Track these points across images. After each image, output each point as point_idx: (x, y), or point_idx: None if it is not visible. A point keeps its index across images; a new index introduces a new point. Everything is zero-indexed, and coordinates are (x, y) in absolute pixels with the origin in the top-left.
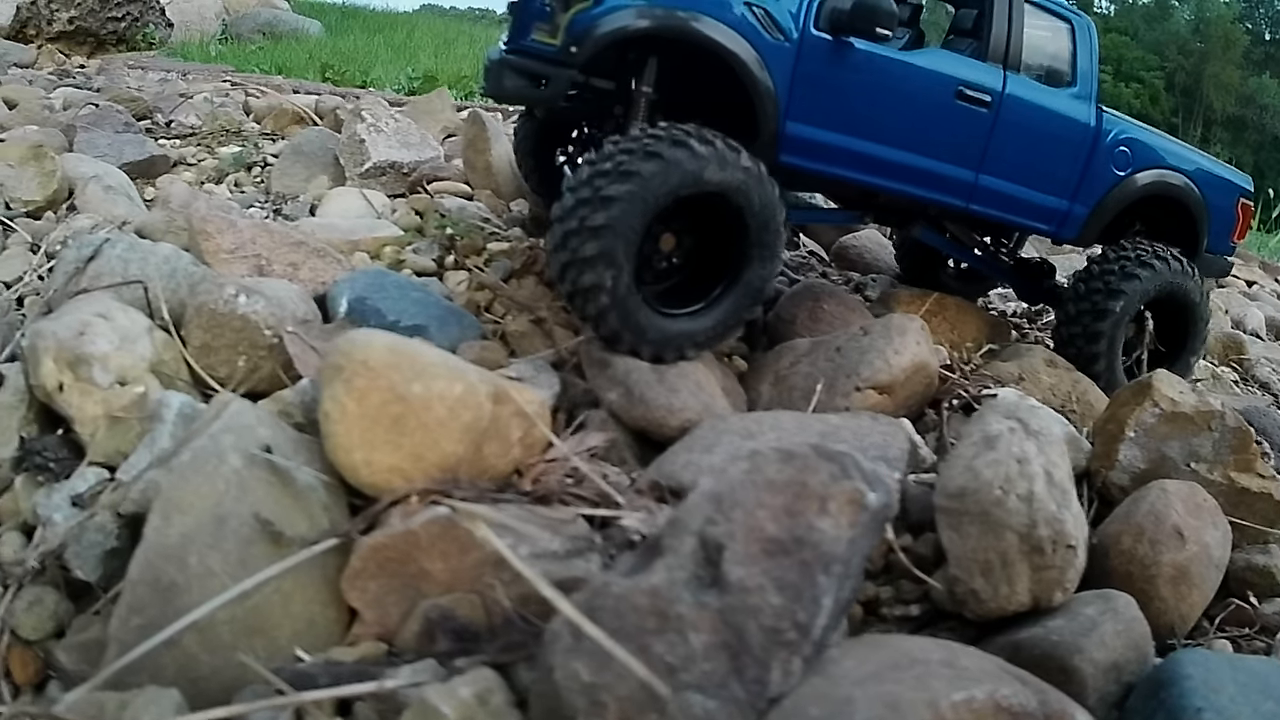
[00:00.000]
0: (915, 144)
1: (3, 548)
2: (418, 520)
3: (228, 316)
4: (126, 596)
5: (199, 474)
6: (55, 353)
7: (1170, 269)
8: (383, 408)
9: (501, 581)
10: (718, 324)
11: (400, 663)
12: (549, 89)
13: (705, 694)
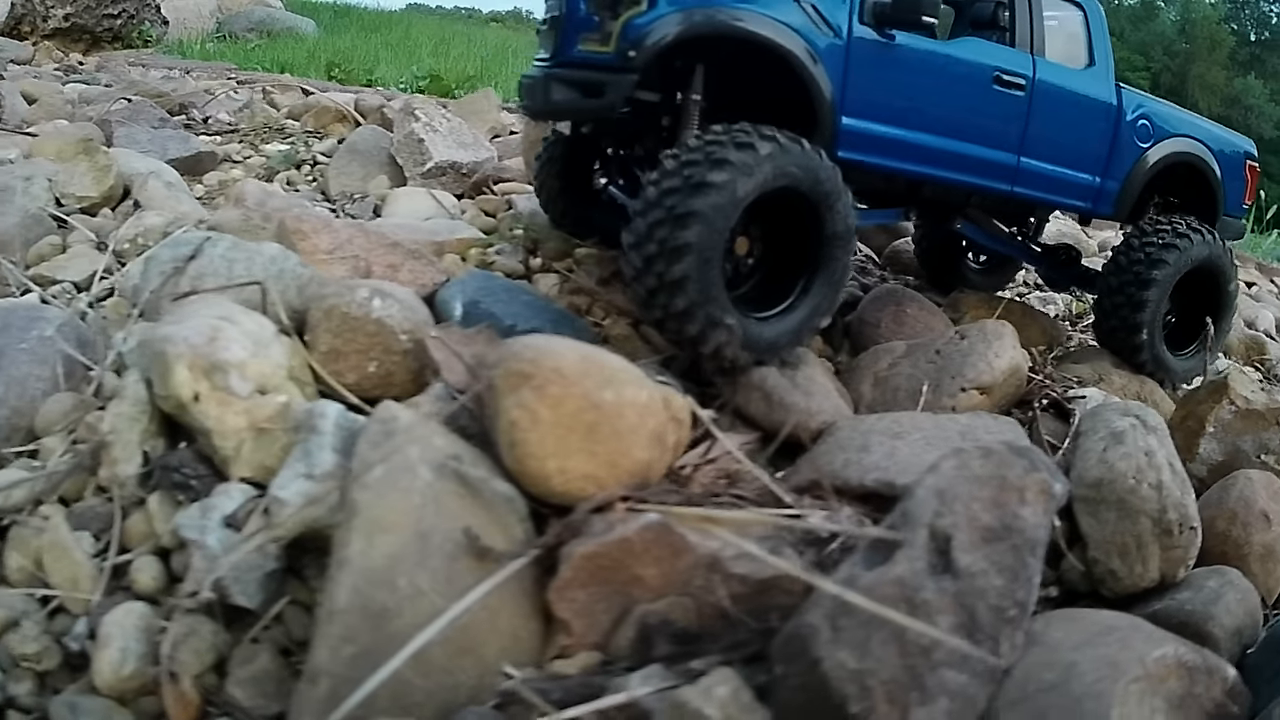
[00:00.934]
0: (962, 131)
1: (140, 575)
2: (632, 527)
3: (361, 320)
4: (337, 626)
5: (395, 490)
6: (190, 360)
7: (1203, 241)
8: (577, 415)
9: (718, 583)
10: (801, 324)
11: (618, 671)
12: (608, 96)
13: (955, 669)
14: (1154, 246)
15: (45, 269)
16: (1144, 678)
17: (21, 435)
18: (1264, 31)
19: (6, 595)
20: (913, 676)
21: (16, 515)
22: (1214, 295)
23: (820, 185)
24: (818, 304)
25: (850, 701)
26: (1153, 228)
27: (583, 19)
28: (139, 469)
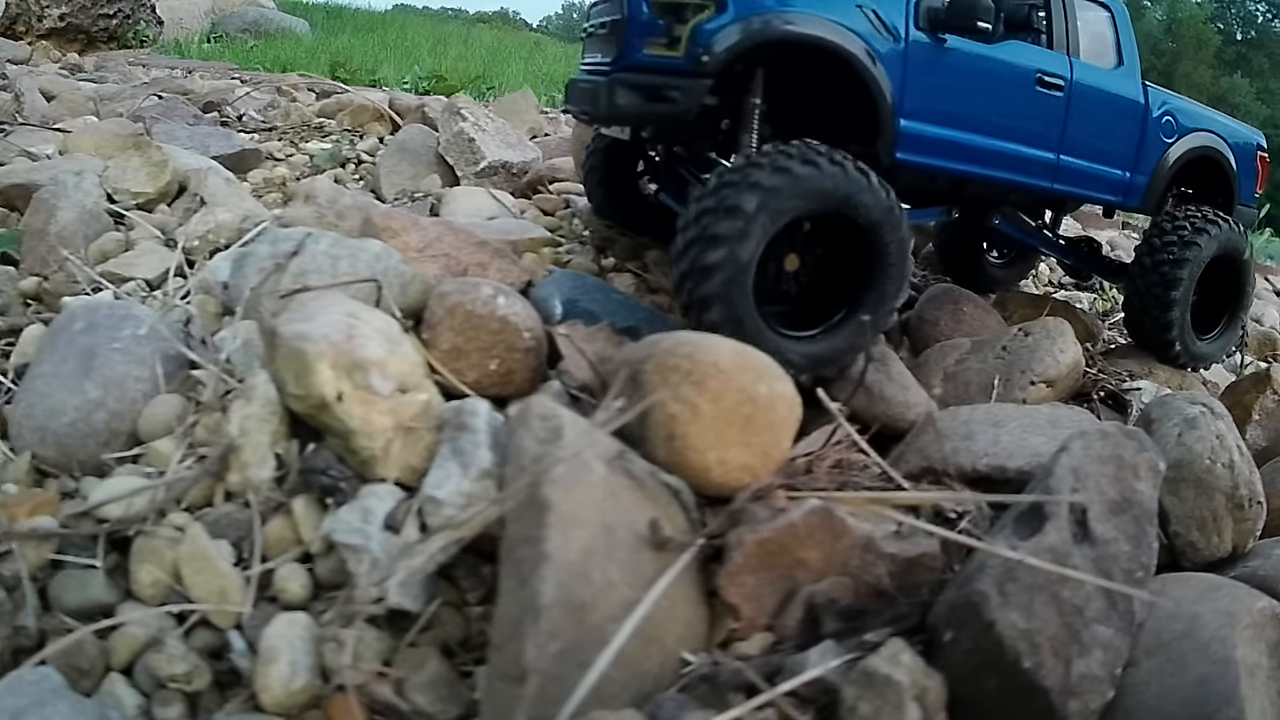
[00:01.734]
0: (1009, 131)
1: (289, 583)
2: (798, 513)
3: (485, 319)
4: (544, 622)
5: (580, 484)
6: (332, 359)
7: (1225, 230)
8: (735, 408)
9: (872, 561)
10: (837, 349)
11: (789, 650)
12: (682, 101)
13: (1103, 625)
14: (1186, 229)
15: (114, 266)
16: (1253, 625)
17: (123, 440)
18: (1250, 30)
19: (143, 613)
20: (1071, 633)
21: (142, 526)
22: (1234, 281)
23: (866, 208)
24: (862, 326)
25: (1023, 658)
26: (1179, 218)
27: (646, 23)
28: (273, 472)
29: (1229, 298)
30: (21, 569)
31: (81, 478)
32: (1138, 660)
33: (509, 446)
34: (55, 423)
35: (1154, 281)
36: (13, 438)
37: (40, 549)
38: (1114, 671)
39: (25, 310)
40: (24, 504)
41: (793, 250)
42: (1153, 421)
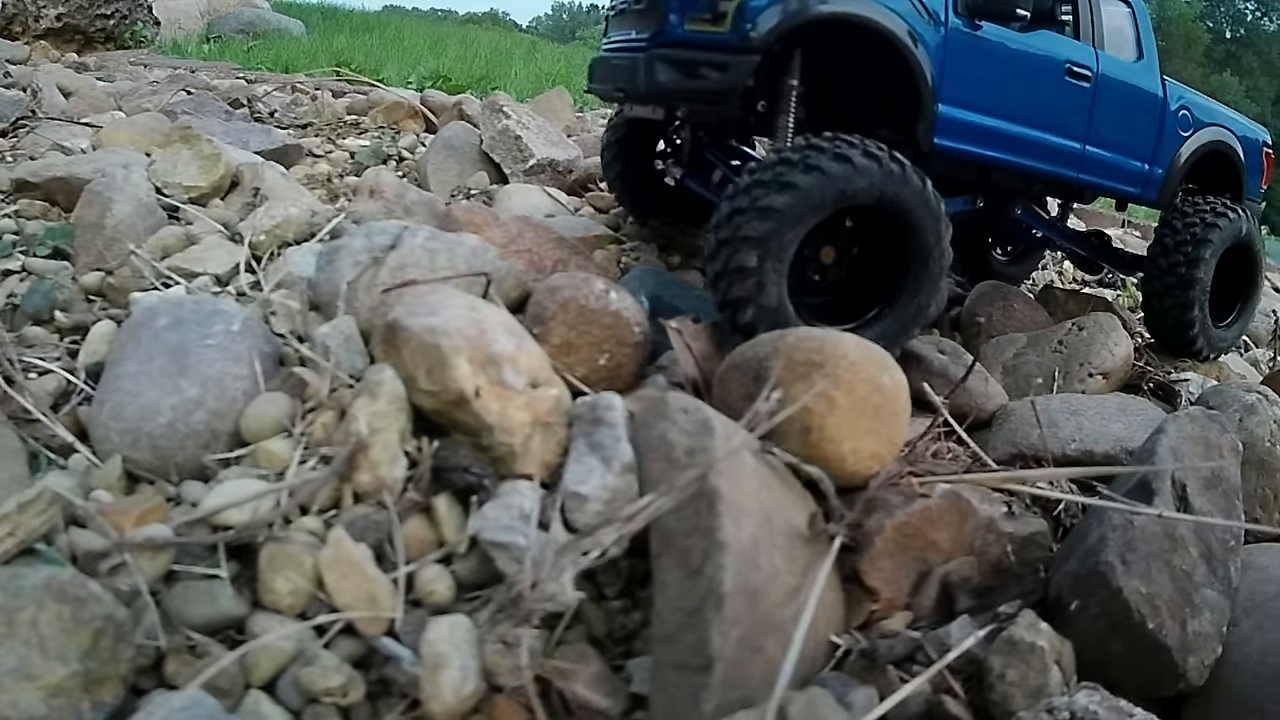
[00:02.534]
0: (1040, 120)
1: (436, 585)
2: (933, 498)
3: (599, 313)
4: (727, 609)
5: (740, 475)
6: (469, 354)
7: (1239, 219)
8: (866, 399)
9: (993, 541)
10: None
11: (927, 626)
12: (728, 77)
13: (1210, 588)
14: (1198, 227)
15: (180, 261)
16: None
17: (224, 441)
18: (1239, 29)
19: (282, 624)
20: (1184, 596)
21: (270, 532)
22: (1247, 269)
23: (902, 200)
24: (901, 320)
25: (1147, 619)
26: (1192, 211)
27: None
28: (405, 471)
29: (1242, 285)
30: (139, 582)
31: (181, 482)
32: (1238, 619)
33: (647, 439)
34: (150, 424)
35: (1171, 274)
36: (97, 441)
37: (156, 560)
38: (1221, 630)
39: (90, 307)
40: (129, 512)
41: (831, 243)
42: (1212, 409)
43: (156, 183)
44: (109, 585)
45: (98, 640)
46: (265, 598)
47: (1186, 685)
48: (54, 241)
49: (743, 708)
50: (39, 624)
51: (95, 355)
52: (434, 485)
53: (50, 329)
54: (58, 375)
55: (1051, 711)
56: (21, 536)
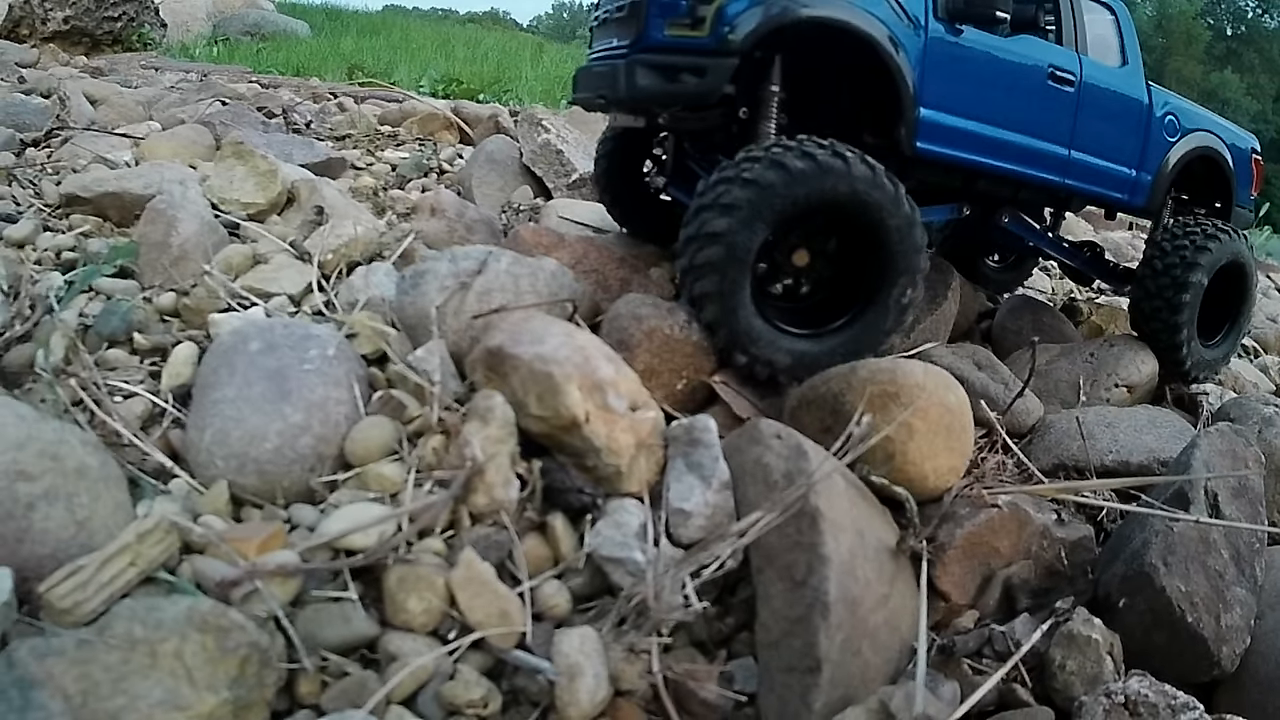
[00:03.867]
0: (1024, 125)
1: (556, 599)
2: (996, 509)
3: (681, 343)
4: (833, 616)
5: (834, 494)
6: (579, 380)
7: (1230, 240)
8: (939, 420)
9: (1046, 546)
10: (843, 348)
11: (990, 624)
12: (707, 80)
13: (1239, 586)
14: (1188, 250)
15: (253, 281)
16: None
17: (329, 464)
18: (1239, 26)
19: (414, 641)
20: (1217, 593)
21: (398, 555)
22: (1238, 290)
23: (871, 204)
24: (873, 328)
25: (1186, 614)
26: (1183, 231)
27: (668, 4)
28: (518, 493)
29: (1232, 305)
30: (274, 608)
31: (289, 505)
32: (1264, 613)
33: (742, 462)
34: (256, 450)
35: (1165, 286)
36: (197, 465)
37: (286, 585)
38: (1249, 622)
39: (167, 328)
40: (252, 539)
41: (807, 247)
42: (1233, 420)
43: (212, 199)
44: (247, 612)
45: (244, 667)
46: (397, 617)
47: (1220, 672)
48: (119, 260)
49: (845, 705)
50: (184, 655)
51: (179, 378)
52: (546, 505)
53: (126, 349)
54: (143, 398)
55: (1109, 696)
56: (142, 566)
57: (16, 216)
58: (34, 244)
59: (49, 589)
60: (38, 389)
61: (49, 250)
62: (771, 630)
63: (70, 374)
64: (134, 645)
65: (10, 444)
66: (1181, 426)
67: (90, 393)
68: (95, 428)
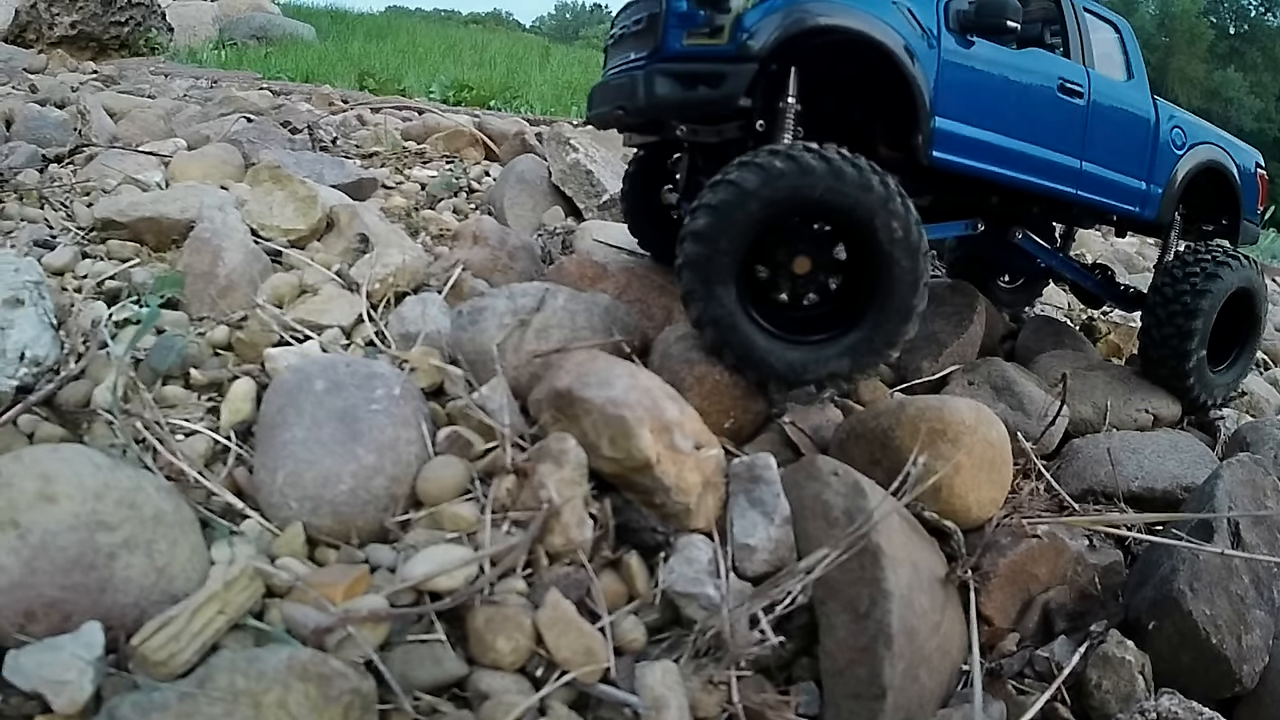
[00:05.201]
0: (1037, 135)
1: (633, 633)
2: (1037, 539)
3: (730, 386)
4: (895, 646)
5: (893, 530)
6: (650, 424)
7: (1241, 266)
8: (983, 455)
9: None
10: (838, 359)
11: (1031, 646)
12: (725, 86)
13: (1259, 609)
14: (1198, 277)
15: (304, 313)
16: None
17: (401, 504)
18: (1243, 24)
19: (502, 679)
20: (1239, 615)
21: (484, 596)
22: (1248, 316)
23: (861, 210)
24: (868, 336)
25: (1211, 636)
26: (1194, 258)
27: (686, 14)
28: (592, 533)
29: (1242, 331)
30: (370, 653)
31: (363, 545)
32: None
33: (800, 498)
34: (331, 492)
35: (1175, 311)
36: (269, 507)
37: (377, 630)
38: (1268, 642)
39: (221, 362)
40: (338, 584)
41: (806, 255)
42: (1249, 445)
43: (251, 224)
44: (343, 658)
45: (347, 714)
46: (486, 656)
47: (1241, 688)
48: (165, 291)
49: None
50: (288, 704)
51: (239, 414)
52: (618, 542)
53: (179, 384)
54: (204, 436)
55: (1143, 713)
56: (231, 614)
57: (53, 242)
58: (73, 271)
59: (143, 642)
60: (96, 428)
61: (88, 278)
62: (836, 659)
63: (131, 413)
64: (237, 697)
65: (89, 494)
66: (1202, 451)
67: (154, 432)
68: (161, 469)
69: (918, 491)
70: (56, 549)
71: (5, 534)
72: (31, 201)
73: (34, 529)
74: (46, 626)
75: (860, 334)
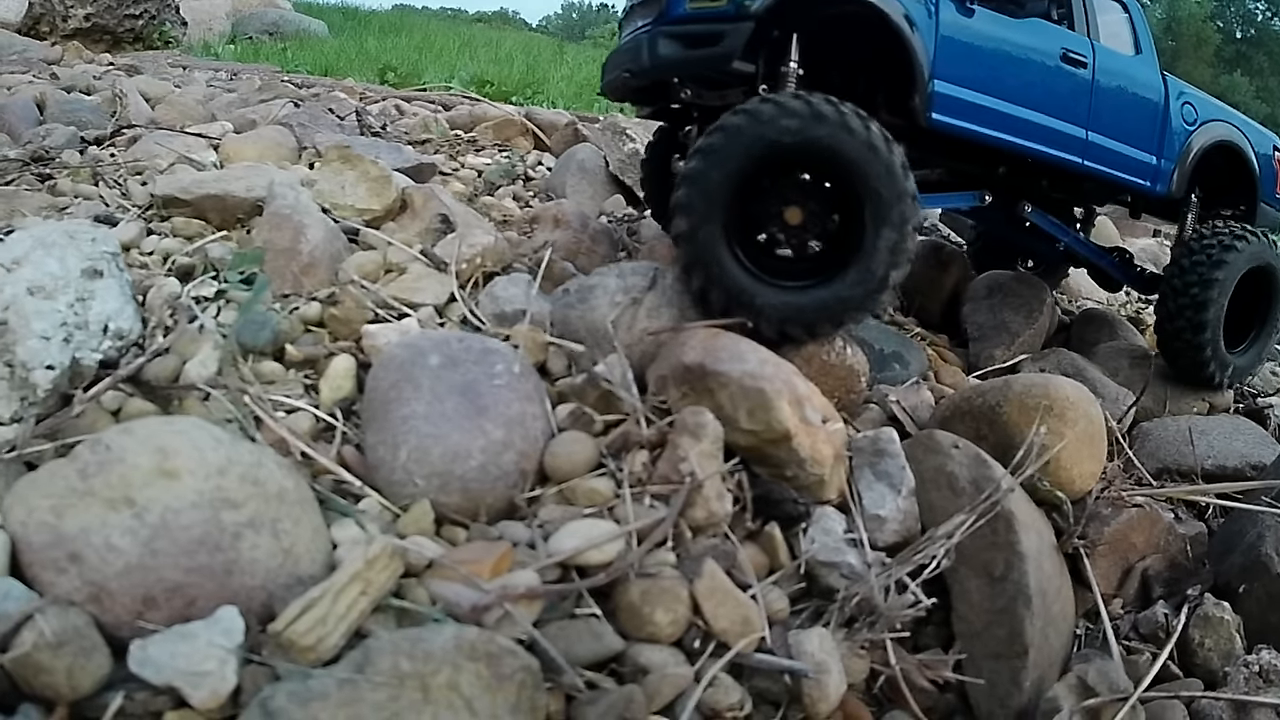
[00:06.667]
0: (1039, 102)
1: (778, 604)
2: (1137, 509)
3: (836, 366)
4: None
5: (1015, 496)
6: (788, 396)
7: (1259, 242)
8: (1085, 429)
9: (1173, 541)
10: (825, 303)
11: (1133, 610)
12: (724, 45)
13: None
14: (1215, 248)
15: (396, 291)
16: None
17: (530, 480)
18: (1249, 29)
19: (663, 653)
20: None
21: (638, 569)
22: (1266, 294)
23: (842, 152)
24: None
25: None
26: (1210, 232)
27: None
28: (729, 509)
29: (1260, 310)
30: (531, 630)
31: (492, 523)
32: None
33: (923, 470)
34: (460, 467)
35: (1185, 303)
36: (389, 485)
37: (532, 607)
38: None
39: (315, 339)
40: (484, 561)
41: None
42: None
43: (323, 204)
44: (505, 636)
45: (520, 692)
46: (643, 630)
47: None
48: (245, 267)
49: (1043, 684)
50: (460, 685)
51: (340, 391)
52: (756, 514)
53: (270, 360)
54: (306, 412)
55: (1247, 666)
56: (374, 595)
57: (115, 218)
58: (139, 247)
59: (288, 626)
60: (189, 405)
61: (154, 254)
62: (971, 621)
63: (231, 388)
64: (403, 680)
65: (212, 469)
66: (1261, 434)
67: (260, 406)
68: (271, 445)
69: (1040, 464)
70: (179, 528)
71: (119, 513)
72: (84, 179)
73: (152, 507)
74: (168, 613)
75: (851, 275)
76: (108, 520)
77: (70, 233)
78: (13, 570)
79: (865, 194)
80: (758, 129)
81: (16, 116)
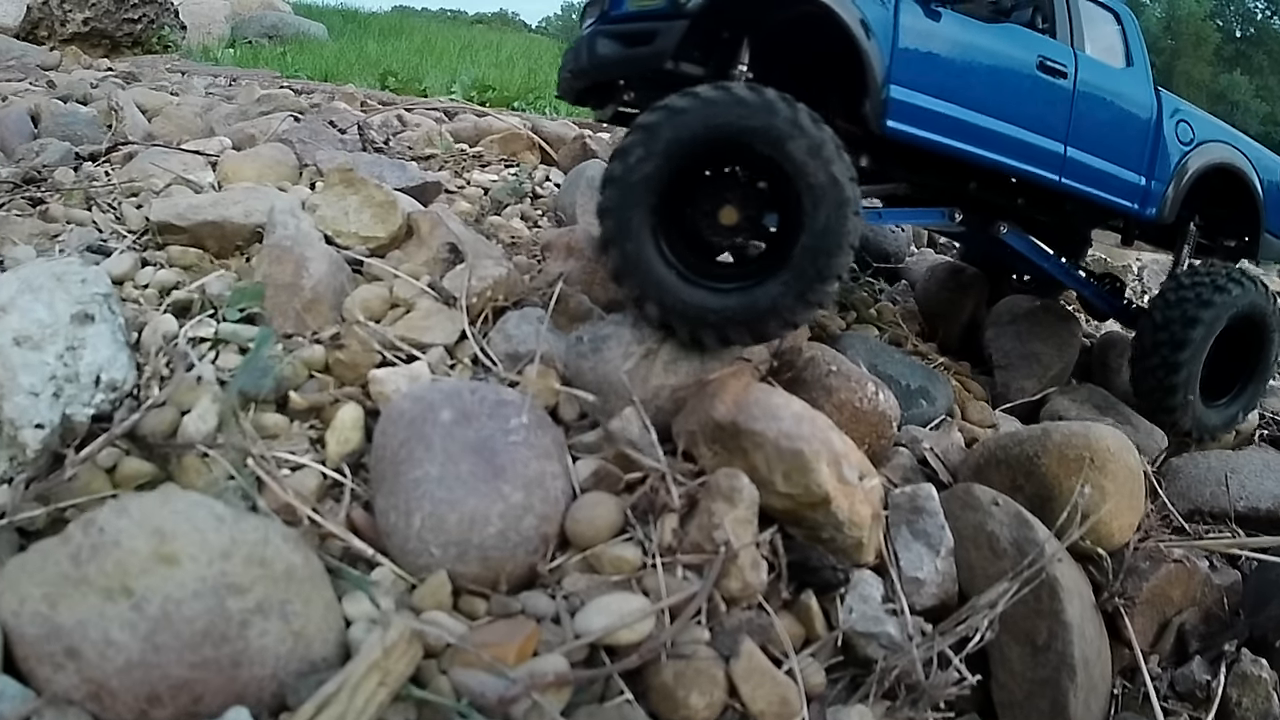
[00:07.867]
0: (1009, 113)
1: (814, 678)
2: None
3: (868, 414)
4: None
5: (1062, 564)
6: (827, 457)
7: (1253, 289)
8: (1124, 481)
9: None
10: (750, 306)
11: (1169, 666)
12: (657, 43)
13: None
14: (1205, 287)
15: (404, 330)
16: None
17: (550, 545)
18: (1249, 28)
19: None
20: None
21: (671, 649)
22: (1257, 347)
23: (760, 130)
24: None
25: None
26: (1205, 271)
27: None
28: (766, 577)
29: (1248, 363)
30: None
31: (514, 593)
32: None
33: (960, 528)
34: (479, 535)
35: (1163, 339)
36: (403, 553)
37: (561, 694)
38: None
39: (319, 385)
40: (509, 644)
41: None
42: None
43: (326, 230)
44: None
45: None
46: (676, 713)
47: None
48: (245, 304)
49: None
50: None
51: (347, 445)
52: (792, 582)
53: (272, 410)
54: (312, 469)
55: None
56: (392, 686)
57: (107, 248)
58: (133, 280)
59: None
60: (187, 463)
61: (149, 288)
62: (1013, 691)
63: (232, 445)
64: None
65: (215, 553)
66: None
67: (262, 467)
68: (276, 512)
69: (1086, 527)
70: (182, 620)
71: (117, 604)
72: (77, 202)
73: (152, 597)
74: (174, 712)
75: (792, 271)
76: (105, 612)
77: (58, 274)
78: (7, 665)
79: (796, 174)
80: (676, 122)
81: (10, 130)
